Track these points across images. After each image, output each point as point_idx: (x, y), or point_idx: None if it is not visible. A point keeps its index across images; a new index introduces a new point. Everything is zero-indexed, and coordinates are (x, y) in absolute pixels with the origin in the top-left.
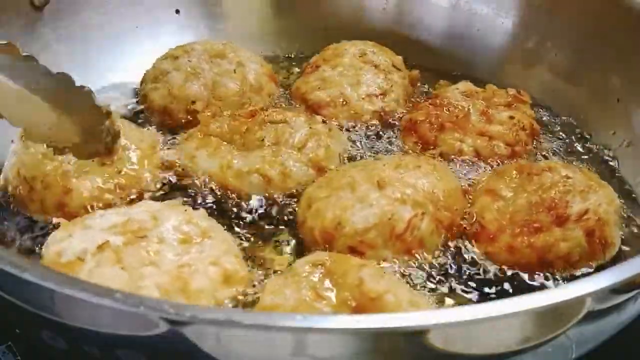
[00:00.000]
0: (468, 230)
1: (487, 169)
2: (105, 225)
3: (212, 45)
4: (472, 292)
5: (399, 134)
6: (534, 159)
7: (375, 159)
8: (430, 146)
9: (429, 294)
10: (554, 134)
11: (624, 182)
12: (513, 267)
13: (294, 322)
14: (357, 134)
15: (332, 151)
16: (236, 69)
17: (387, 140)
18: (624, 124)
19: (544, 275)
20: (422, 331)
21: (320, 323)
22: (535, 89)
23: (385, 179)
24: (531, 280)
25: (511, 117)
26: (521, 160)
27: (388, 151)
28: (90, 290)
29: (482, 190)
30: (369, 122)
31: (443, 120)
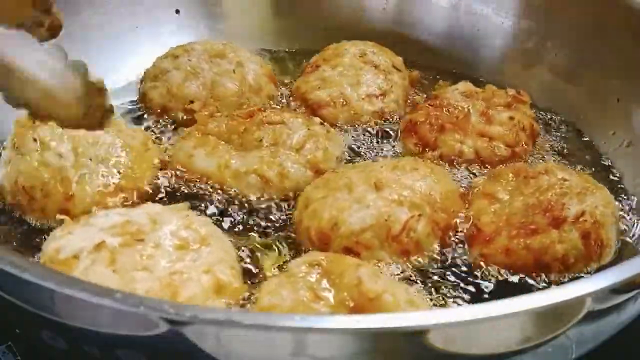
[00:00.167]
0: (464, 233)
1: (487, 171)
2: (106, 225)
3: (212, 45)
4: (468, 294)
5: (399, 135)
6: (533, 160)
7: (373, 160)
8: (431, 147)
9: (426, 295)
10: (553, 134)
11: (624, 183)
12: (509, 270)
13: (294, 322)
14: (356, 135)
15: (331, 153)
16: (235, 69)
17: (387, 142)
18: (624, 124)
19: (542, 278)
20: (422, 331)
21: (320, 323)
22: (535, 89)
23: (383, 180)
24: (530, 281)
25: (511, 118)
26: (520, 163)
27: (387, 152)
28: (90, 290)
29: (479, 193)
30: (368, 123)
31: (443, 122)
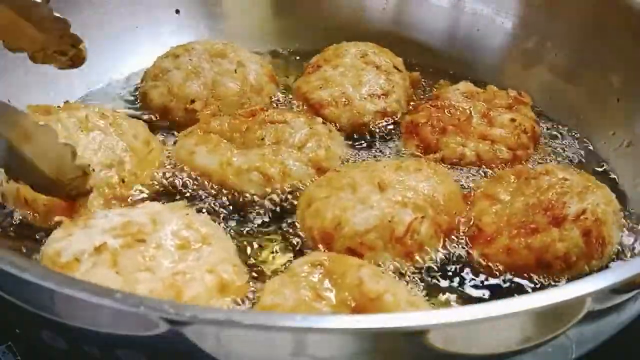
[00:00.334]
0: (466, 233)
1: (489, 174)
2: (106, 226)
3: (213, 45)
4: (470, 295)
5: (400, 136)
6: (534, 161)
7: (376, 160)
8: (432, 150)
9: (427, 296)
10: (553, 134)
11: (624, 183)
12: (511, 270)
13: (294, 322)
14: (358, 135)
15: (333, 152)
16: (237, 69)
17: (389, 142)
18: (624, 124)
19: (543, 278)
20: (422, 331)
21: (320, 323)
22: (535, 89)
23: (386, 180)
24: (530, 282)
25: (512, 120)
26: (521, 165)
27: (389, 152)
28: (90, 290)
29: (481, 195)
30: (370, 123)
31: (445, 123)
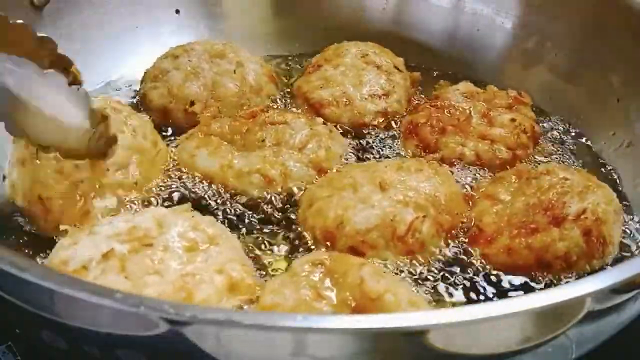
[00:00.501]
0: (467, 233)
1: (488, 174)
2: (111, 233)
3: (213, 45)
4: (470, 295)
5: (400, 136)
6: (534, 161)
7: (377, 160)
8: (432, 150)
9: (428, 295)
10: (553, 134)
11: (624, 183)
12: (512, 270)
13: (294, 322)
14: (359, 135)
15: (333, 152)
16: (236, 69)
17: (390, 142)
18: (624, 124)
19: (544, 277)
20: (422, 331)
21: (320, 323)
22: (535, 89)
23: (387, 180)
24: (531, 282)
25: (512, 120)
26: (521, 165)
27: (390, 152)
28: (90, 290)
29: (482, 195)
30: (371, 123)
31: (444, 124)
